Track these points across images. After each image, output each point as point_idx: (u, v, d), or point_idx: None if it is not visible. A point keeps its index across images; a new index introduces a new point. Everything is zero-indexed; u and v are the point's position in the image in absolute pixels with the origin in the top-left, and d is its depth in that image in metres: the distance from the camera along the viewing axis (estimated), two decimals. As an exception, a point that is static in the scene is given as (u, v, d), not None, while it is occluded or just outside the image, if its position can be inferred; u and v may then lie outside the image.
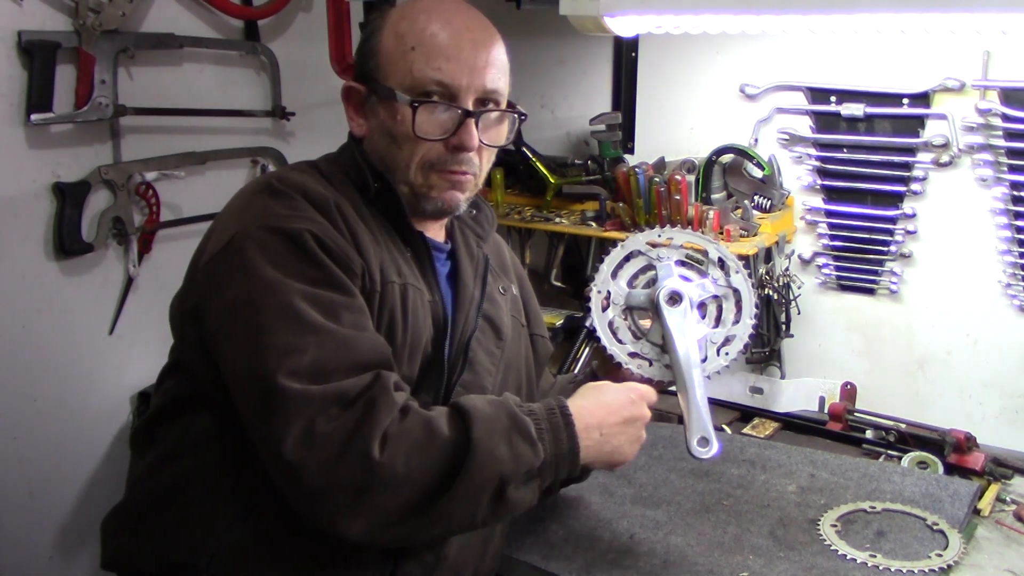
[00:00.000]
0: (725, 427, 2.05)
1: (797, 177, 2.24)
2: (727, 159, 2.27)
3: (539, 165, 2.44)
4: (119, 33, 1.95)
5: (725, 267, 1.43)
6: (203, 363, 1.19)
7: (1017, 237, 2.00)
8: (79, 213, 1.96)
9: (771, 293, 2.19)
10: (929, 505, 1.62)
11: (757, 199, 2.21)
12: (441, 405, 1.20)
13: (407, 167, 1.28)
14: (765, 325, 2.19)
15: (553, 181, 2.43)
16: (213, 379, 1.17)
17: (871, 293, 2.22)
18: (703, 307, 1.42)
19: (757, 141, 2.28)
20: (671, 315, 1.37)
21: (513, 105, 1.34)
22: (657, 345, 1.41)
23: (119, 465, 1.37)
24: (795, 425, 2.08)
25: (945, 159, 2.05)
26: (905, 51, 2.04)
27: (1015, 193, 1.98)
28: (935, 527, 1.54)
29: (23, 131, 1.86)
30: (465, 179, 1.30)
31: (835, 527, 1.55)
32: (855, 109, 2.11)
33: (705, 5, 1.73)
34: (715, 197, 2.26)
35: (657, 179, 2.14)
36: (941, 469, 1.80)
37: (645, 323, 1.43)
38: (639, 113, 2.46)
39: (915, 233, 2.13)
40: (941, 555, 1.44)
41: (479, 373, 1.32)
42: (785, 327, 2.24)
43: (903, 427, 1.96)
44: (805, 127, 2.21)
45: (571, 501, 1.65)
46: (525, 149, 2.44)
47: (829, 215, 2.22)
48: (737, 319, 1.42)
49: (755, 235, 2.11)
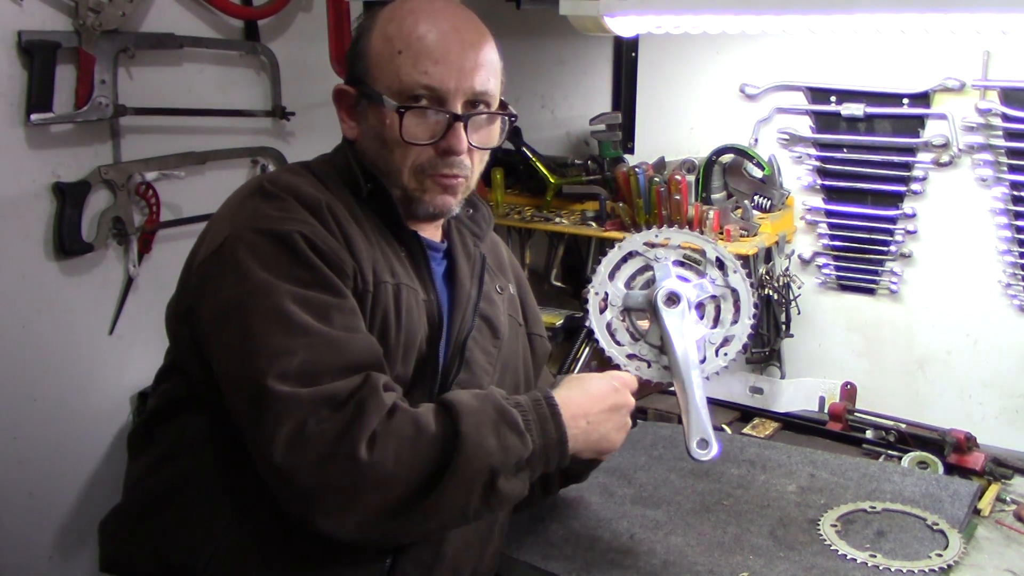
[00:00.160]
0: (725, 427, 2.05)
1: (797, 177, 2.24)
2: (727, 159, 2.27)
3: (539, 165, 2.44)
4: (119, 33, 1.95)
5: (723, 267, 1.42)
6: (197, 365, 1.19)
7: (1017, 237, 2.00)
8: (79, 213, 1.96)
9: (771, 293, 2.19)
10: (929, 505, 1.62)
11: (757, 199, 2.21)
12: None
13: (398, 171, 1.28)
14: (765, 325, 2.19)
15: (553, 181, 2.43)
16: (208, 380, 1.17)
17: (871, 293, 2.22)
18: (701, 307, 1.41)
19: (757, 141, 2.28)
20: (669, 316, 1.36)
21: (505, 106, 1.33)
22: (655, 346, 1.41)
23: (119, 465, 1.37)
24: (795, 425, 2.08)
25: (945, 159, 2.05)
26: (905, 51, 2.03)
27: (1015, 193, 1.97)
28: (935, 527, 1.54)
29: (23, 131, 1.86)
30: (456, 182, 1.29)
31: (835, 527, 1.55)
32: (855, 109, 2.11)
33: (705, 5, 1.73)
34: (715, 197, 2.26)
35: (657, 179, 2.14)
36: (941, 469, 1.80)
37: (643, 324, 1.42)
38: (639, 113, 2.46)
39: (915, 233, 2.13)
40: (941, 555, 1.44)
41: (476, 373, 1.32)
42: (785, 327, 2.24)
43: (903, 427, 1.96)
44: (805, 127, 2.21)
45: (571, 501, 1.64)
46: (525, 149, 2.44)
47: (829, 215, 2.22)
48: (735, 319, 1.41)
49: (755, 235, 2.11)
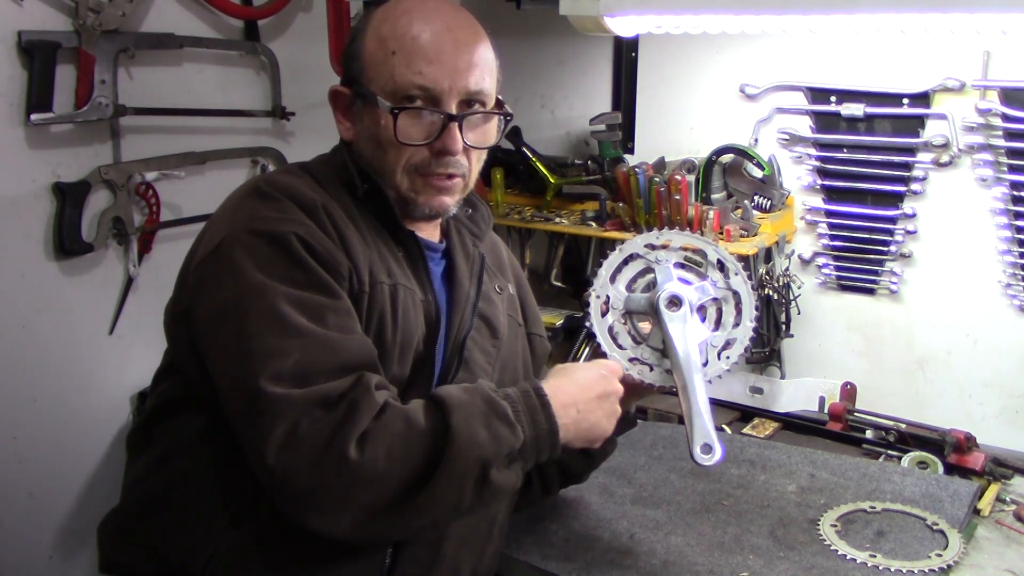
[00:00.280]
0: (725, 427, 2.05)
1: (797, 177, 2.24)
2: (727, 159, 2.27)
3: (539, 165, 2.44)
4: (119, 33, 1.95)
5: (724, 269, 1.41)
6: (196, 365, 1.19)
7: (1017, 237, 2.00)
8: (79, 213, 1.96)
9: (771, 293, 2.19)
10: (929, 505, 1.62)
11: (757, 199, 2.21)
12: None
13: (393, 172, 1.27)
14: (765, 325, 2.19)
15: (553, 181, 2.43)
16: (206, 381, 1.17)
17: (871, 293, 2.22)
18: (703, 310, 1.40)
19: (757, 141, 2.28)
20: (671, 319, 1.35)
21: (501, 104, 1.33)
22: (657, 350, 1.39)
23: (119, 465, 1.37)
24: (795, 425, 2.08)
25: (945, 159, 2.05)
26: (905, 51, 2.03)
27: (1015, 193, 1.98)
28: (935, 527, 1.54)
29: (23, 131, 1.86)
30: (452, 183, 1.29)
31: (835, 527, 1.55)
32: (855, 109, 2.11)
33: (705, 5, 1.73)
34: (715, 197, 2.26)
35: (657, 179, 2.14)
36: (941, 469, 1.80)
37: (644, 327, 1.41)
38: (639, 113, 2.46)
39: (915, 233, 2.13)
40: (941, 555, 1.45)
41: (475, 372, 1.31)
42: (785, 327, 2.24)
43: (903, 427, 1.96)
44: (805, 127, 2.21)
45: (571, 501, 1.65)
46: (525, 149, 2.45)
47: (829, 215, 2.22)
48: (737, 322, 1.40)
49: (755, 235, 2.11)
